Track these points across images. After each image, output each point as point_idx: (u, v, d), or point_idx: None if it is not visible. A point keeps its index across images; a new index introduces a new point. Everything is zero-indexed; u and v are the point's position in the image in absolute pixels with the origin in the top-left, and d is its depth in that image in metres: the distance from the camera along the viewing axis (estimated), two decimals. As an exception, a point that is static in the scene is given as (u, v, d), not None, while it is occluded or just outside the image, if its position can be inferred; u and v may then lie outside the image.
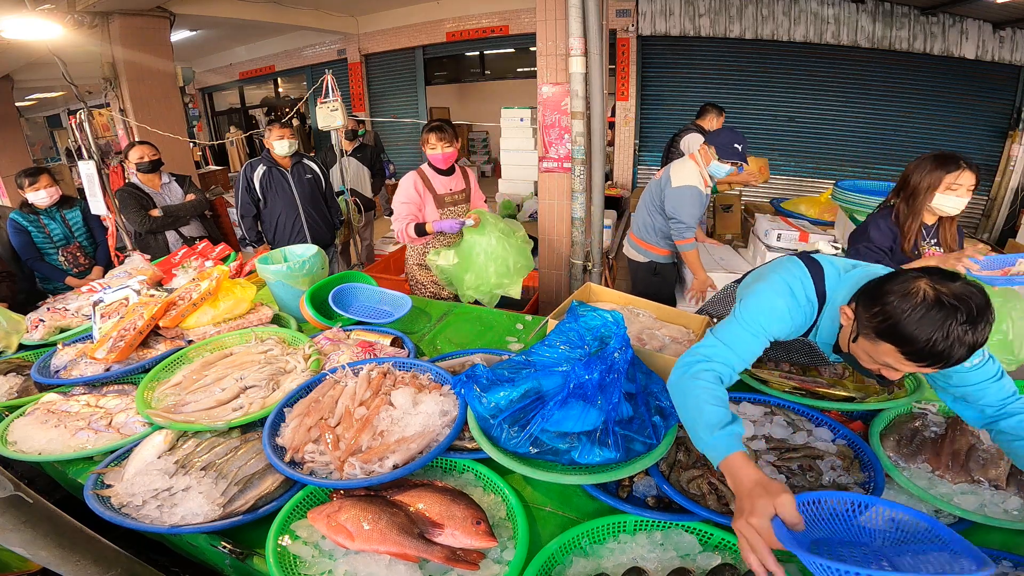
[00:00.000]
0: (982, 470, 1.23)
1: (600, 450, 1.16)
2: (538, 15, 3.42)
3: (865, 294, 1.12)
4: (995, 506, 1.18)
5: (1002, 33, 5.66)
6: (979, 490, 1.20)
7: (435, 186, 2.82)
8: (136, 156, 3.51)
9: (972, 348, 0.98)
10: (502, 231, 2.51)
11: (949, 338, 0.97)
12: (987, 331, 0.99)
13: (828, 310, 1.29)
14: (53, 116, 15.31)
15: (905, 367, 1.06)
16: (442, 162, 2.77)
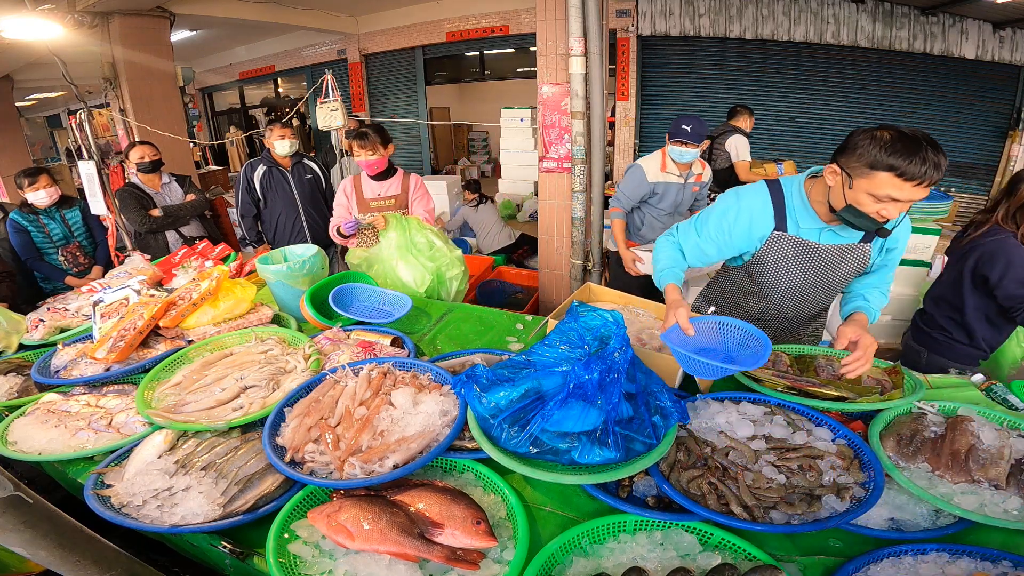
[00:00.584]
0: (982, 470, 1.23)
1: (600, 450, 1.16)
2: (538, 15, 3.42)
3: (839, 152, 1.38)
4: (995, 506, 1.18)
5: (1002, 33, 5.66)
6: (979, 490, 1.20)
7: (364, 190, 2.83)
8: (137, 156, 3.51)
9: (942, 169, 1.25)
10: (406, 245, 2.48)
11: (928, 154, 1.22)
12: (945, 160, 1.26)
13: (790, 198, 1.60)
14: (53, 116, 15.32)
15: (904, 191, 1.27)
16: (367, 168, 2.75)
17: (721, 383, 1.73)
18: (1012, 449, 1.27)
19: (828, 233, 1.59)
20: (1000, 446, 1.28)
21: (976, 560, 1.02)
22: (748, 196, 1.64)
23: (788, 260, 1.67)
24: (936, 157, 1.24)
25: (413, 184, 2.86)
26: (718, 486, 1.17)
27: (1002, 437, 1.29)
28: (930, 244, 2.66)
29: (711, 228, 1.69)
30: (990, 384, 1.62)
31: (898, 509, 1.17)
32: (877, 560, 1.03)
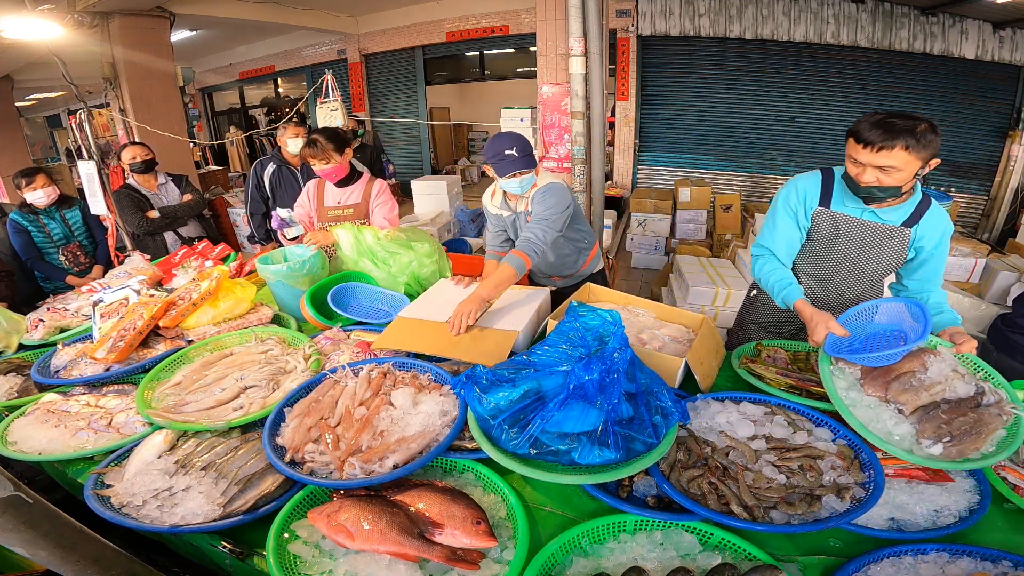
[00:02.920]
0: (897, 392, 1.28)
1: (600, 450, 1.16)
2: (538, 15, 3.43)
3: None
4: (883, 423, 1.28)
5: (1002, 33, 5.66)
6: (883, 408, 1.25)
7: (325, 197, 2.75)
8: (128, 157, 3.51)
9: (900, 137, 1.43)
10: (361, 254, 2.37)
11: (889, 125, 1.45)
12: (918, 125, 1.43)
13: (837, 180, 1.72)
14: (53, 116, 15.32)
15: (861, 154, 1.51)
16: (325, 177, 2.67)
17: (723, 382, 1.73)
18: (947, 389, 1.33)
19: (869, 213, 1.70)
20: (936, 383, 1.33)
21: (976, 560, 1.03)
22: (802, 178, 1.81)
23: (833, 236, 1.78)
24: (899, 128, 1.43)
25: (375, 191, 2.73)
26: (718, 486, 1.17)
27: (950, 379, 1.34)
28: (930, 244, 2.66)
29: (780, 216, 1.83)
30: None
31: (898, 509, 1.17)
32: (877, 560, 1.03)
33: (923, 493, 1.19)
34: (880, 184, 1.53)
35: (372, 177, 2.83)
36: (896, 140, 1.44)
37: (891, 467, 1.24)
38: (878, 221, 1.70)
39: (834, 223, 1.75)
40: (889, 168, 1.49)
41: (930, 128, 1.45)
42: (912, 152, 1.45)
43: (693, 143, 7.38)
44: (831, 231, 1.77)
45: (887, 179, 1.51)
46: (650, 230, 6.17)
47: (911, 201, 1.66)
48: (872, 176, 1.53)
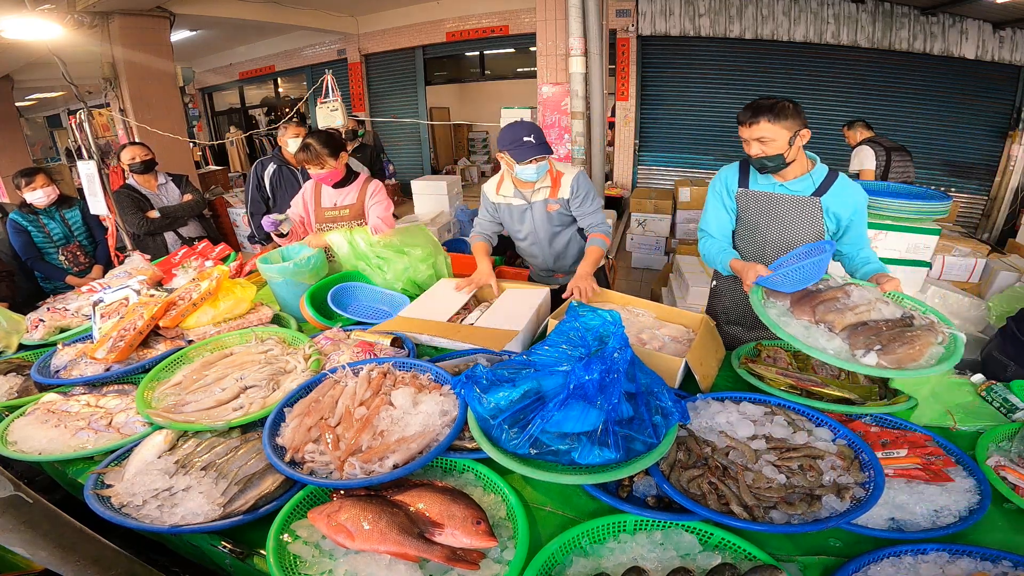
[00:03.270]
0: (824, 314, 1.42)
1: (600, 450, 1.16)
2: (538, 15, 3.43)
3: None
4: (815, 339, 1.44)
5: (1002, 33, 5.66)
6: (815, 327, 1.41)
7: (322, 198, 2.74)
8: (128, 157, 3.51)
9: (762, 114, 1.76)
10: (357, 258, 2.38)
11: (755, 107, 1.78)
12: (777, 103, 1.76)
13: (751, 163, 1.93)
14: (53, 116, 15.31)
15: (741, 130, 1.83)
16: (322, 181, 2.66)
17: (723, 382, 1.73)
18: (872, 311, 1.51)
19: (780, 187, 1.95)
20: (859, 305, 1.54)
21: (976, 560, 1.03)
22: (725, 168, 2.08)
23: (756, 211, 2.02)
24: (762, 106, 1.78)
25: (371, 191, 2.73)
26: (718, 486, 1.17)
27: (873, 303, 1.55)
28: (930, 244, 2.65)
29: (710, 202, 2.10)
30: (990, 384, 1.62)
31: (898, 509, 1.17)
32: (877, 560, 1.03)
33: (923, 493, 1.19)
34: (764, 154, 1.82)
35: (369, 178, 2.82)
36: (760, 115, 1.77)
37: (891, 467, 1.24)
38: (788, 192, 1.94)
39: (754, 200, 2.00)
40: (764, 139, 1.79)
41: (788, 104, 1.78)
42: (774, 123, 1.76)
43: (693, 143, 7.38)
44: (753, 207, 2.01)
45: (767, 148, 1.81)
46: (650, 230, 6.17)
47: (815, 174, 1.91)
48: (756, 149, 1.82)
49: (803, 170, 1.90)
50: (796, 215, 1.93)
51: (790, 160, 1.84)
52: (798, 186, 1.92)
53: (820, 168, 1.92)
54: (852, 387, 1.57)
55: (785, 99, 1.80)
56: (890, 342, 1.38)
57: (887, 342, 1.37)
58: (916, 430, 1.42)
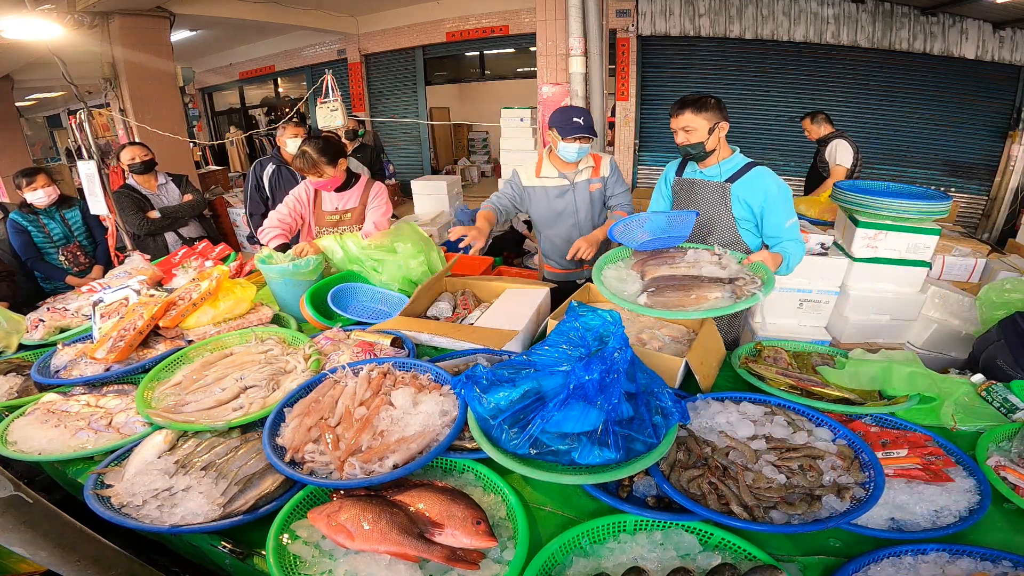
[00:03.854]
0: (646, 266, 1.80)
1: (600, 450, 1.16)
2: (538, 15, 3.43)
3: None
4: (624, 284, 1.70)
5: (1002, 33, 5.66)
6: (631, 275, 1.79)
7: (323, 202, 2.70)
8: (127, 157, 3.51)
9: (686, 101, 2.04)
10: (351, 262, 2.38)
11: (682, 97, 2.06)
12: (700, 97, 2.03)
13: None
14: (53, 116, 15.32)
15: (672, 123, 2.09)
16: (323, 188, 2.63)
17: (724, 382, 1.73)
18: (694, 268, 1.76)
19: (700, 174, 2.20)
20: (686, 262, 1.81)
21: (976, 560, 1.02)
22: (668, 165, 2.38)
23: (683, 198, 2.27)
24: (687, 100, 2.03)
25: (372, 193, 2.71)
26: (718, 486, 1.17)
27: (701, 262, 1.79)
28: (930, 244, 2.65)
29: (655, 191, 2.42)
30: (990, 384, 1.62)
31: (898, 509, 1.17)
32: (877, 560, 1.03)
33: (923, 493, 1.19)
34: (689, 142, 2.07)
35: (370, 180, 2.80)
36: (685, 108, 2.03)
37: (891, 467, 1.24)
38: (705, 178, 2.18)
39: (682, 186, 2.28)
40: (687, 128, 2.04)
41: (711, 99, 2.02)
42: (697, 114, 2.01)
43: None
44: (682, 193, 2.28)
45: (691, 137, 2.05)
46: (650, 230, 6.17)
47: (730, 163, 2.13)
48: (682, 137, 2.07)
49: (717, 158, 2.14)
50: (708, 198, 2.18)
51: (710, 149, 2.08)
52: (712, 172, 2.16)
53: (736, 158, 2.15)
54: (852, 389, 1.58)
55: (708, 95, 2.04)
56: (666, 289, 1.65)
57: (663, 288, 1.65)
58: (916, 430, 1.42)
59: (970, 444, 1.40)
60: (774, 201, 2.06)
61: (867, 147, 6.56)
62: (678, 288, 1.63)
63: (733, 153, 2.15)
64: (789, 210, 2.08)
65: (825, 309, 2.86)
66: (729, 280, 1.69)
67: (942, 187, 6.28)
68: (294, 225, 2.71)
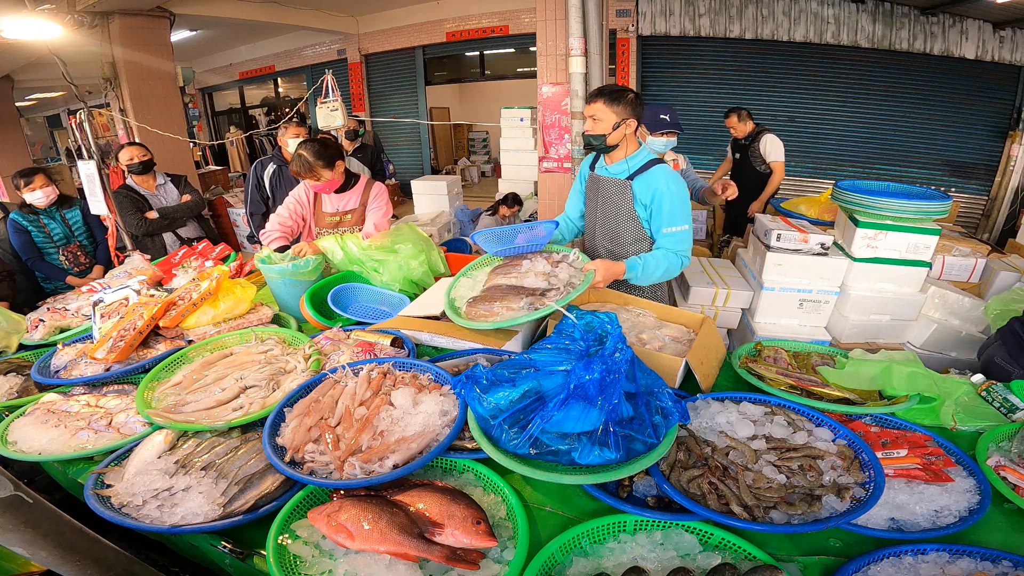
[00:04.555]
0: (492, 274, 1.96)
1: (600, 450, 1.16)
2: (538, 15, 3.43)
3: None
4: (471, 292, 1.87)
5: (1002, 33, 5.66)
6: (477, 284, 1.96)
7: (324, 203, 2.69)
8: (126, 158, 3.51)
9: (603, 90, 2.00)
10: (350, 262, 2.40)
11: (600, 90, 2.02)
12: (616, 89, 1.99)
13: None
14: (53, 116, 15.33)
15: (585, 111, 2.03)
16: (317, 191, 2.63)
17: (724, 382, 1.73)
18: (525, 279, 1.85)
19: (606, 171, 2.20)
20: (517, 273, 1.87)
21: (976, 560, 1.02)
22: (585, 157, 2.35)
23: (592, 193, 2.27)
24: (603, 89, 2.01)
25: (372, 194, 2.70)
26: (718, 486, 1.17)
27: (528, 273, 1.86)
28: (930, 244, 2.65)
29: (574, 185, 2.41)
30: (990, 384, 1.62)
31: (898, 509, 1.17)
32: (877, 560, 1.03)
33: (923, 493, 1.19)
34: (592, 132, 2.03)
35: (370, 180, 2.79)
36: (599, 96, 1.99)
37: (891, 467, 1.24)
38: (610, 175, 2.18)
39: (593, 181, 2.26)
40: (595, 116, 2.00)
41: (628, 94, 1.99)
42: (607, 105, 1.97)
43: (692, 143, 7.37)
44: (592, 188, 2.28)
45: (595, 127, 2.02)
46: (650, 230, 6.17)
47: (632, 160, 2.10)
48: (588, 125, 2.04)
49: (621, 155, 2.12)
50: (612, 195, 2.17)
51: (611, 143, 2.05)
52: (617, 169, 2.14)
53: (641, 155, 2.11)
54: (852, 389, 1.58)
55: (628, 90, 2.01)
56: (483, 301, 1.75)
57: (481, 301, 1.75)
58: (916, 430, 1.42)
59: (970, 444, 1.40)
60: (660, 202, 2.02)
61: (867, 147, 6.58)
62: (492, 300, 1.72)
63: (639, 148, 2.12)
64: (674, 216, 2.02)
65: (825, 309, 2.85)
66: (542, 291, 1.77)
67: (942, 187, 6.28)
68: (295, 227, 2.70)
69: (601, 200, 2.20)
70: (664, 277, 2.05)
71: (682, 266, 2.05)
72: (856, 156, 6.63)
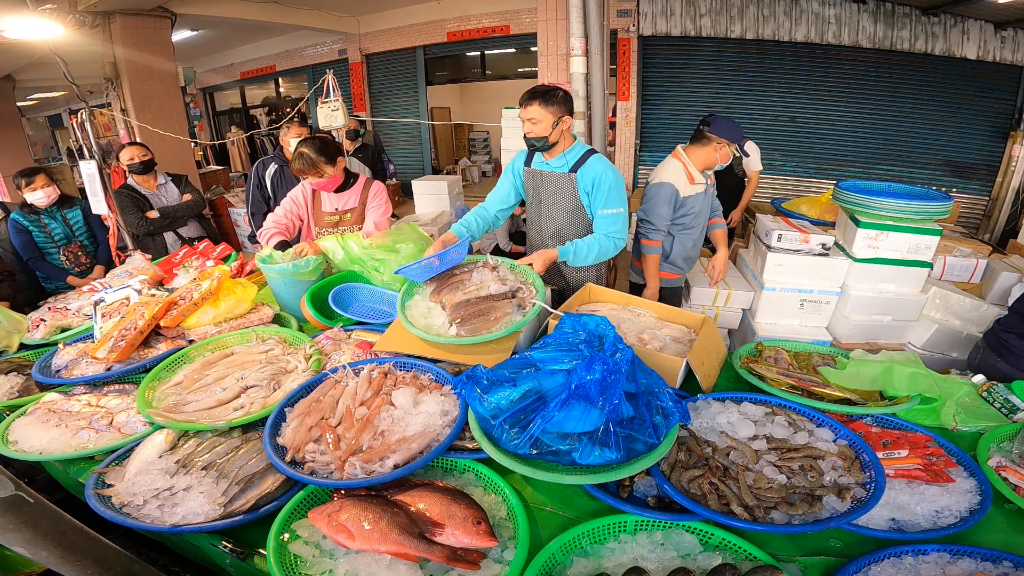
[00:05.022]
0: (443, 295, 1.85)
1: (601, 450, 1.16)
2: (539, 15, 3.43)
3: None
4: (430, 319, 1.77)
5: (1004, 33, 5.65)
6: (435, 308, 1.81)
7: (322, 202, 2.69)
8: (127, 157, 3.51)
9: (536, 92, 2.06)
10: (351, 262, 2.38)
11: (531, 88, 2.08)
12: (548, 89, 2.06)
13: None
14: (55, 116, 15.33)
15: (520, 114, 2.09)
16: (322, 189, 2.63)
17: (724, 382, 1.73)
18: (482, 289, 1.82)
19: (546, 165, 2.27)
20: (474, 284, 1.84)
21: (977, 560, 1.02)
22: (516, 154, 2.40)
23: (533, 188, 2.36)
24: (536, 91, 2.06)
25: (372, 193, 2.70)
26: (719, 486, 1.17)
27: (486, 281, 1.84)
28: (931, 244, 2.64)
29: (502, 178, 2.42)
30: (991, 385, 1.62)
31: (899, 509, 1.16)
32: (878, 560, 1.03)
33: (924, 494, 1.19)
34: (534, 134, 2.10)
35: (370, 180, 2.79)
36: (533, 98, 2.05)
37: (892, 467, 1.24)
38: (551, 169, 2.26)
39: (532, 176, 2.34)
40: (533, 119, 2.07)
41: (559, 92, 2.06)
42: (543, 106, 2.04)
43: (693, 143, 7.37)
44: (531, 183, 2.35)
45: (536, 129, 2.09)
46: (651, 230, 6.16)
47: (572, 152, 2.20)
48: (528, 128, 2.10)
49: (560, 149, 2.21)
50: (556, 189, 2.27)
51: (553, 141, 2.14)
52: (557, 163, 2.23)
53: (577, 147, 2.22)
54: (853, 390, 1.58)
55: (557, 88, 2.08)
56: (470, 316, 1.70)
57: (468, 316, 1.70)
58: (917, 431, 1.42)
59: (971, 445, 1.40)
60: (599, 186, 2.16)
61: (868, 147, 6.57)
62: (479, 314, 1.72)
63: (575, 142, 2.23)
64: (609, 199, 2.16)
65: (826, 309, 2.85)
66: (512, 293, 1.82)
67: (943, 187, 6.27)
68: (291, 226, 2.69)
69: (545, 193, 2.30)
70: (599, 259, 2.18)
71: (616, 248, 2.18)
72: (857, 156, 6.63)
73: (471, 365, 1.48)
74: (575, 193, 2.23)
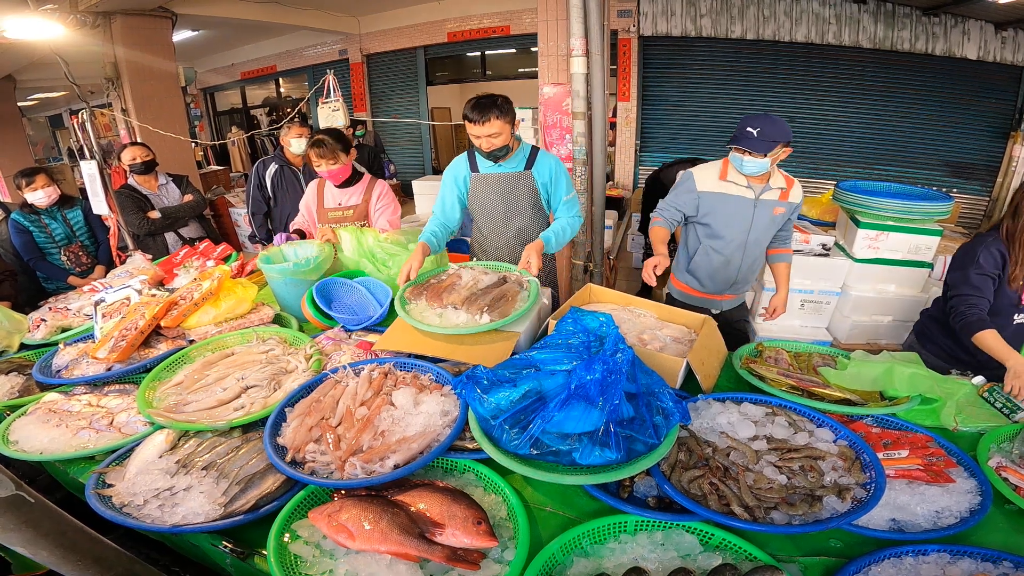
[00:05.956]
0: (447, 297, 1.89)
1: (601, 451, 1.16)
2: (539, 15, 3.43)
3: None
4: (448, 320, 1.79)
5: (1004, 34, 5.65)
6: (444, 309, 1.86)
7: (325, 198, 2.75)
8: (128, 158, 3.51)
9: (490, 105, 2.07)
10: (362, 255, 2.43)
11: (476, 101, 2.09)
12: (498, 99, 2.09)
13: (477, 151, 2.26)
14: (55, 116, 15.33)
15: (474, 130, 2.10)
16: (330, 178, 2.69)
17: (725, 382, 1.73)
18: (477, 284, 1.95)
19: (500, 168, 2.31)
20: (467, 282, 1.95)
21: (977, 561, 1.02)
22: (456, 160, 2.40)
23: (484, 193, 2.37)
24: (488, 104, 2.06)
25: (376, 194, 2.73)
26: (719, 486, 1.17)
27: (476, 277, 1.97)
28: (932, 245, 2.65)
29: (443, 188, 2.42)
30: (991, 386, 1.62)
31: (899, 510, 1.16)
32: (878, 561, 1.03)
33: (924, 494, 1.19)
34: (495, 146, 2.14)
35: (373, 179, 2.81)
36: (490, 113, 2.05)
37: (892, 468, 1.24)
38: (506, 171, 2.31)
39: (485, 181, 2.35)
40: (493, 133, 2.09)
41: (507, 100, 2.11)
42: (500, 118, 2.07)
43: (694, 144, 7.37)
44: (486, 187, 2.36)
45: (496, 141, 2.13)
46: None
47: (521, 152, 2.29)
48: (488, 143, 2.13)
49: (514, 151, 2.27)
50: (515, 188, 2.32)
51: (512, 147, 2.23)
52: (511, 163, 2.30)
53: (525, 147, 2.31)
54: (854, 391, 1.58)
55: (500, 96, 2.12)
56: (493, 302, 1.80)
57: (491, 303, 1.79)
58: (917, 431, 1.42)
59: (971, 445, 1.40)
60: (557, 177, 2.30)
61: (868, 147, 6.57)
62: (499, 297, 1.84)
63: (521, 143, 2.32)
64: (569, 187, 2.33)
65: (826, 310, 2.85)
66: (504, 279, 1.97)
67: (944, 188, 6.26)
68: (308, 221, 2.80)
69: (505, 194, 2.35)
70: (567, 241, 2.29)
71: (577, 227, 2.33)
72: (857, 156, 6.62)
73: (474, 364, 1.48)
74: (534, 188, 2.33)
